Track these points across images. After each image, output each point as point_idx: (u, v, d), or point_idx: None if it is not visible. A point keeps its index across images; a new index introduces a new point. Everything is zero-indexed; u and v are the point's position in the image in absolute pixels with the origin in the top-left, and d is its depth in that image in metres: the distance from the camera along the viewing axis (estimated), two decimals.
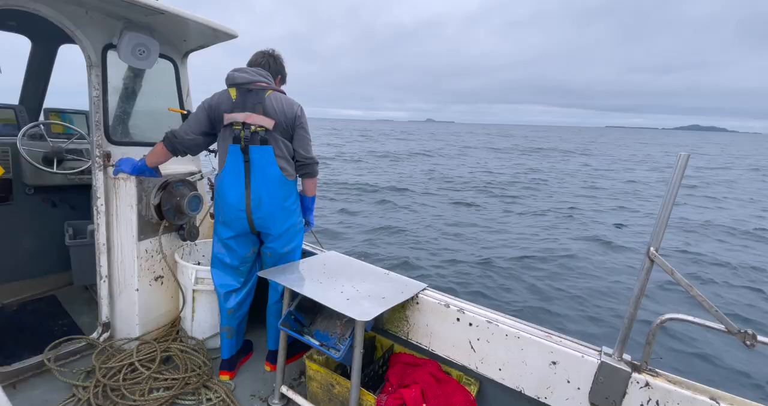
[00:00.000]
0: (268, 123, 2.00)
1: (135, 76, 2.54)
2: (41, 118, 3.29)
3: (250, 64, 2.17)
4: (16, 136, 2.68)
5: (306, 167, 2.18)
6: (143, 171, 2.22)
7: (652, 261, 1.50)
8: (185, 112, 2.69)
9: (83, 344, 2.33)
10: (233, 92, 2.03)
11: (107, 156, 2.28)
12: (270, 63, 2.17)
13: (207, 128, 2.13)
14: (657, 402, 1.49)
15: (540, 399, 1.73)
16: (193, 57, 2.76)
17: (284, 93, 2.14)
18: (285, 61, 2.26)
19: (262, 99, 2.01)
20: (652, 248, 1.48)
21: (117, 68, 2.35)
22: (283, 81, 2.31)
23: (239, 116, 2.00)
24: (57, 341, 2.26)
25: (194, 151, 2.24)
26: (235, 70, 2.07)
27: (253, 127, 1.99)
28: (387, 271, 2.28)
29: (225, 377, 2.31)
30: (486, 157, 31.80)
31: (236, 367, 2.39)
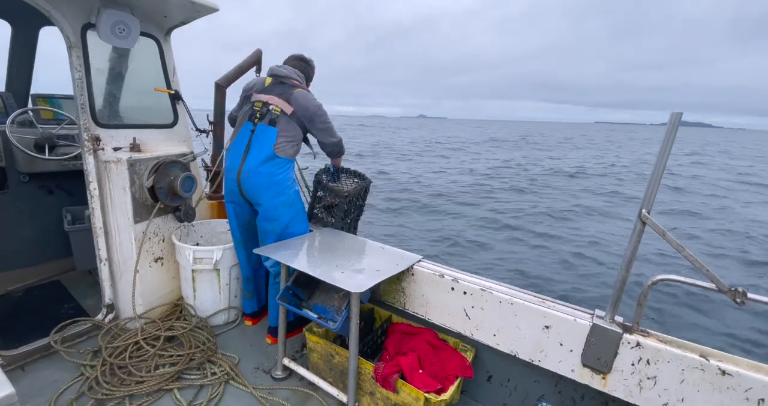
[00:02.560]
0: (287, 108, 2.22)
1: (119, 56, 2.48)
2: (29, 104, 3.25)
3: (289, 64, 2.40)
4: (5, 123, 2.66)
5: (334, 152, 2.46)
6: None
7: (644, 223, 1.49)
8: (172, 91, 2.65)
9: (89, 325, 2.39)
10: (268, 80, 2.30)
11: (96, 139, 2.26)
12: (306, 69, 2.44)
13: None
14: (648, 361, 1.52)
15: (534, 362, 1.77)
16: (191, 53, 2.71)
17: (310, 92, 2.35)
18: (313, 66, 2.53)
19: (290, 92, 2.24)
20: (644, 210, 1.47)
21: (100, 50, 2.30)
22: (310, 82, 2.54)
23: (263, 97, 2.26)
24: (63, 324, 2.31)
25: None
26: (278, 65, 2.36)
27: (271, 107, 2.22)
28: (382, 245, 2.29)
29: (249, 323, 2.70)
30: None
31: (258, 317, 2.74)
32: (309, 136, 2.42)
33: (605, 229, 9.64)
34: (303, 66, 2.44)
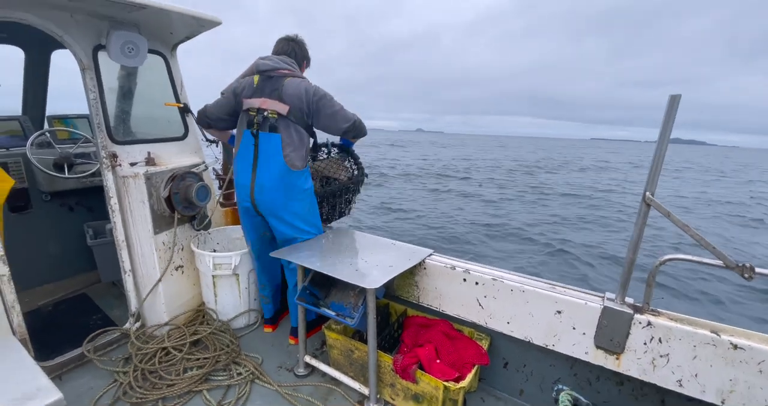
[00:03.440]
0: (282, 108, 2.05)
1: (128, 74, 2.58)
2: (45, 125, 3.38)
3: (276, 52, 2.24)
4: (25, 146, 2.78)
5: (350, 135, 2.22)
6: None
7: (648, 205, 1.53)
8: (181, 105, 2.74)
9: (118, 334, 2.49)
10: (256, 79, 2.15)
11: (113, 156, 2.36)
12: (295, 50, 2.23)
13: (229, 110, 2.30)
14: (659, 340, 1.55)
15: (548, 347, 1.81)
16: (195, 64, 2.78)
17: (304, 78, 2.17)
18: (303, 43, 2.30)
19: (281, 85, 2.07)
20: (648, 193, 1.51)
21: (111, 69, 2.39)
22: (308, 65, 2.37)
23: (256, 102, 2.10)
24: (94, 334, 2.42)
25: (221, 127, 2.43)
26: (261, 58, 2.17)
27: (266, 113, 2.07)
28: (393, 241, 2.35)
29: (269, 329, 2.70)
30: None
31: (278, 321, 2.76)
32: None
33: None
34: (291, 47, 2.21)
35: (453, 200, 14.77)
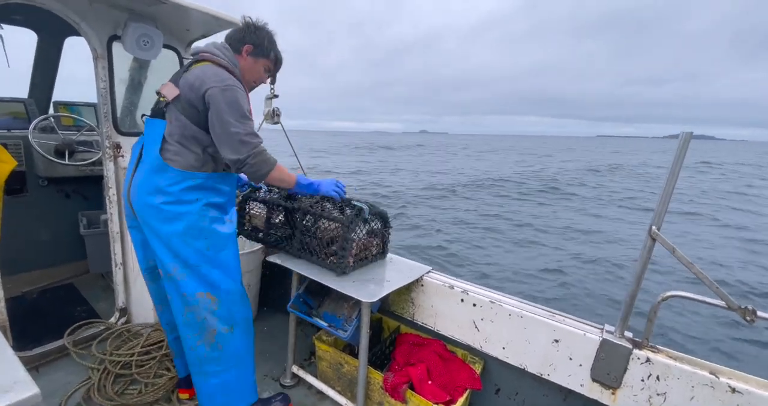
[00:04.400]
0: (171, 92, 1.59)
1: (140, 67, 2.57)
2: (50, 111, 3.35)
3: None
4: (28, 129, 2.74)
5: (240, 171, 1.61)
6: None
7: (653, 239, 1.51)
8: None
9: (102, 328, 2.43)
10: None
11: (117, 146, 2.33)
12: (231, 34, 1.73)
13: None
14: (657, 377, 1.52)
15: (543, 376, 1.78)
16: None
17: (224, 68, 1.59)
18: (256, 27, 1.71)
19: (187, 70, 1.62)
20: (654, 227, 1.50)
21: (122, 60, 2.38)
22: (259, 53, 1.72)
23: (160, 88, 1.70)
24: (76, 325, 2.36)
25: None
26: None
27: (160, 98, 1.64)
28: (392, 255, 2.32)
29: (184, 395, 2.03)
30: None
31: (192, 386, 1.97)
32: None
33: None
34: (230, 34, 1.73)
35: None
